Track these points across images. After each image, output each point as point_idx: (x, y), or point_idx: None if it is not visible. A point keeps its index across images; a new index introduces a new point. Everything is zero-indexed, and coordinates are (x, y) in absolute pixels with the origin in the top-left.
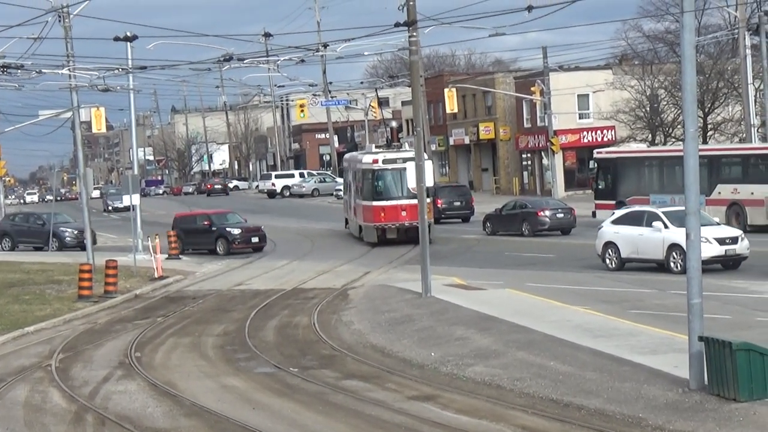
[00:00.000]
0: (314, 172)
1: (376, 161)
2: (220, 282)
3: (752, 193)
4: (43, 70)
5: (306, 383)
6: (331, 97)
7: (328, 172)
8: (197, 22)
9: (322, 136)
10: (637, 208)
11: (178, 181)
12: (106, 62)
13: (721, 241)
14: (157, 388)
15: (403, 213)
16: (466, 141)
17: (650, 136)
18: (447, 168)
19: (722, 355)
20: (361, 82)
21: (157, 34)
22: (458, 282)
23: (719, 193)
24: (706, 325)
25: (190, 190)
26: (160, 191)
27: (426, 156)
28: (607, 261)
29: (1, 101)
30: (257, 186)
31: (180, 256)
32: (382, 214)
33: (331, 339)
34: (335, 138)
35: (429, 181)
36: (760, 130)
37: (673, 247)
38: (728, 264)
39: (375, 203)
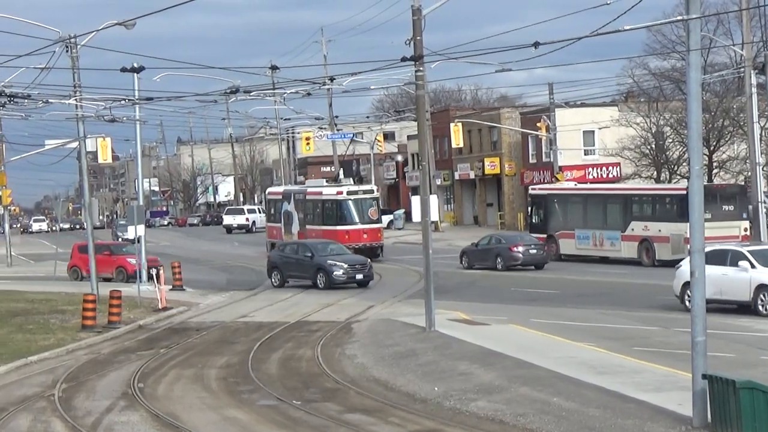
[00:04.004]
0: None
1: (341, 193)
2: (225, 314)
3: (660, 231)
4: (50, 100)
5: (309, 416)
6: (337, 131)
7: None
8: (204, 55)
9: (328, 169)
10: (719, 246)
11: (183, 212)
12: (112, 93)
13: None
14: (160, 419)
15: (365, 236)
16: (472, 176)
17: (656, 173)
18: (452, 203)
19: (726, 394)
20: (367, 116)
21: (164, 65)
22: (462, 317)
23: (632, 229)
24: (710, 363)
25: (196, 221)
26: (165, 222)
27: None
28: (686, 302)
29: (7, 130)
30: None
31: (184, 288)
32: (347, 236)
33: (334, 372)
34: (341, 171)
35: (434, 216)
36: (765, 169)
37: (762, 288)
38: None
39: (340, 227)
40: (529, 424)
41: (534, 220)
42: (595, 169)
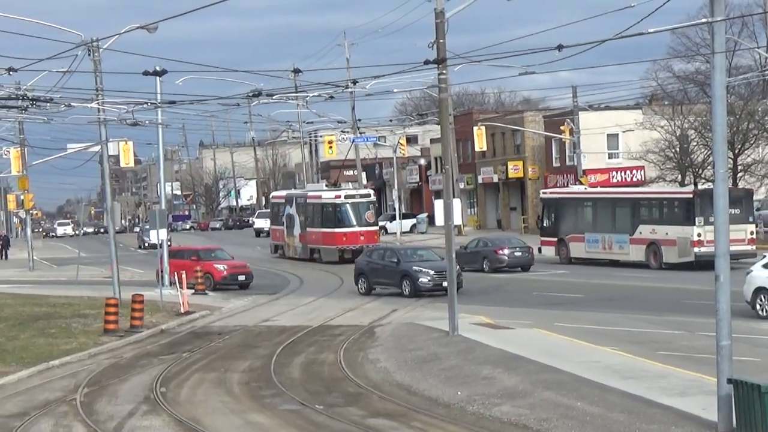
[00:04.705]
0: None
1: (338, 197)
2: (247, 318)
3: (667, 234)
4: (72, 104)
5: (331, 421)
6: (360, 134)
7: None
8: (227, 58)
9: (350, 172)
10: None
11: (205, 216)
12: (135, 96)
13: None
14: (182, 423)
15: (362, 237)
16: (495, 179)
17: (680, 176)
18: (475, 206)
19: (751, 398)
20: (390, 120)
21: (187, 68)
22: (486, 321)
23: (640, 233)
24: (735, 368)
25: (218, 225)
26: (187, 226)
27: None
28: (758, 308)
29: (30, 134)
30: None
31: (206, 292)
32: (344, 239)
33: (357, 376)
34: (363, 175)
35: (458, 220)
36: None
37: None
38: None
39: (337, 230)
40: (552, 429)
41: (545, 224)
42: (619, 172)
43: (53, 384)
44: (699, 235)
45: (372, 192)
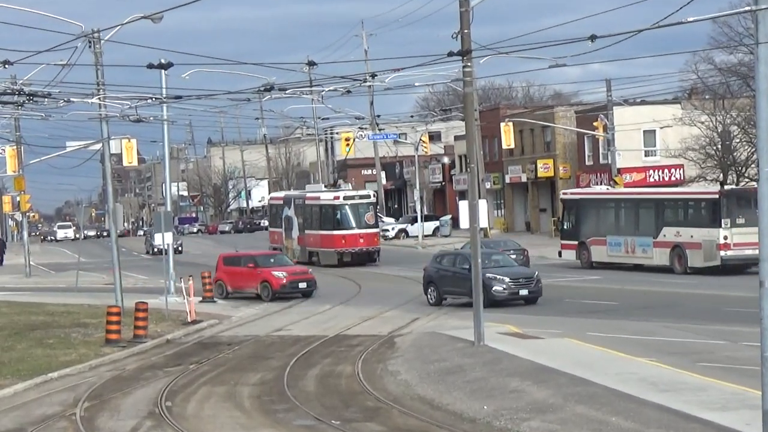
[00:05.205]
0: None
1: (337, 198)
2: (258, 327)
3: (692, 236)
4: (72, 99)
5: None
6: (379, 131)
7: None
8: (236, 50)
9: (369, 172)
10: None
11: (214, 218)
12: (138, 91)
13: None
14: None
15: (361, 240)
16: (523, 179)
17: (721, 175)
18: (502, 208)
19: None
20: (411, 116)
21: (194, 61)
22: (513, 330)
23: (664, 235)
24: None
25: (227, 228)
26: (195, 229)
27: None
28: None
29: (26, 132)
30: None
31: (215, 299)
32: (343, 241)
33: (376, 390)
34: (383, 174)
35: (483, 222)
36: None
37: None
38: None
39: (336, 232)
40: None
41: (566, 226)
42: (656, 171)
43: (51, 398)
44: (725, 237)
45: (372, 193)
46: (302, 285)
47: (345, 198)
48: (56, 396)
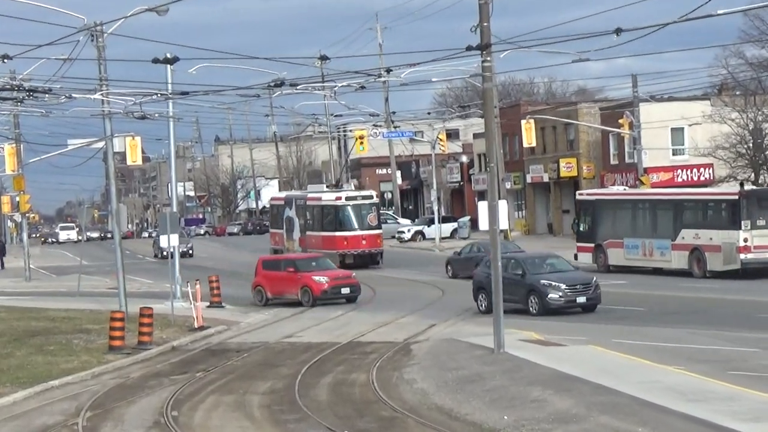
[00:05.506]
0: None
1: (339, 198)
2: (268, 333)
3: (711, 239)
4: (73, 95)
5: None
6: (394, 128)
7: (390, 212)
8: (245, 44)
9: (384, 171)
10: None
11: (222, 219)
12: (143, 87)
13: None
14: None
15: (363, 242)
16: (545, 179)
17: (753, 175)
18: (523, 209)
19: None
20: (428, 112)
21: (201, 55)
22: (535, 337)
23: (683, 238)
24: None
25: (236, 230)
26: (202, 231)
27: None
28: None
29: (26, 129)
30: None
31: (223, 305)
32: (345, 243)
33: (391, 399)
34: (398, 174)
35: (504, 224)
36: None
37: None
38: None
39: (338, 233)
40: None
41: (581, 228)
42: (684, 171)
43: (52, 407)
44: (746, 240)
45: (375, 193)
46: (345, 290)
47: (347, 198)
48: (57, 405)
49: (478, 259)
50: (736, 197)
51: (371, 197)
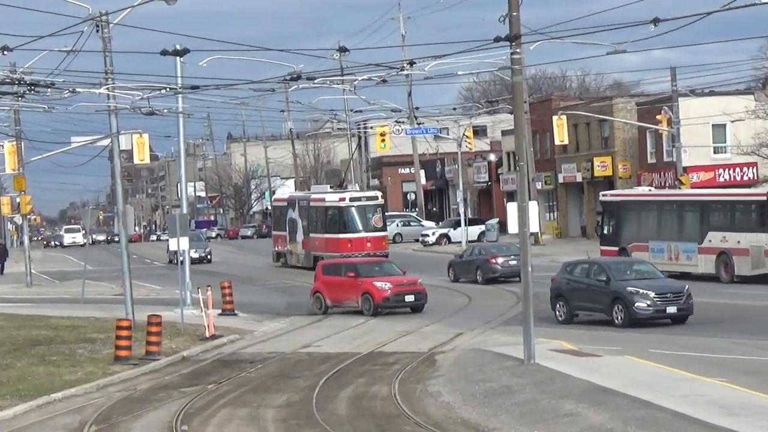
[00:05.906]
0: (395, 214)
1: (343, 199)
2: (283, 343)
3: (739, 242)
4: (77, 89)
5: None
6: (418, 125)
7: (413, 214)
8: (260, 35)
9: (407, 170)
10: None
11: (235, 222)
12: (151, 80)
13: None
14: None
15: (368, 244)
16: (578, 178)
17: None
18: (555, 211)
19: None
20: (454, 108)
21: (212, 47)
22: (567, 347)
23: (710, 241)
24: None
25: (249, 233)
26: (213, 234)
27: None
28: None
29: (27, 125)
30: None
31: (236, 312)
32: (350, 245)
33: (415, 413)
34: (422, 173)
35: (534, 226)
36: None
37: None
38: None
39: (342, 236)
40: None
41: (605, 231)
42: (726, 170)
43: (55, 420)
44: None
45: (380, 194)
46: (410, 298)
47: (351, 199)
48: (60, 419)
49: (480, 261)
50: (765, 198)
51: (376, 198)
